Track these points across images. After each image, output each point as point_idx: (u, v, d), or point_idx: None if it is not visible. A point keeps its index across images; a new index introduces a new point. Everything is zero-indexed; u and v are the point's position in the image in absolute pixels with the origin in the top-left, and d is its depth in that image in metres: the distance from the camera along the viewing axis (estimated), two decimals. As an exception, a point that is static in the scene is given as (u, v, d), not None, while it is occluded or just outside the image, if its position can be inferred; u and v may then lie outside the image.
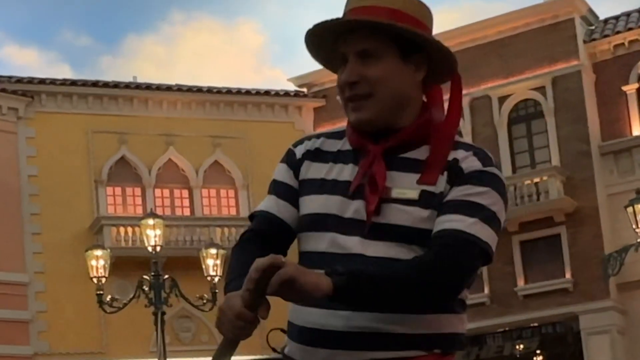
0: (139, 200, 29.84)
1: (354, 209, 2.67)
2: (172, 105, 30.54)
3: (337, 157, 2.77)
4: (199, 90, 30.99)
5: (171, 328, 27.05)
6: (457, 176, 2.66)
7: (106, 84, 30.10)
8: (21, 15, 61.98)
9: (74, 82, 29.75)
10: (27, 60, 58.85)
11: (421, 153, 2.70)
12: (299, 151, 2.82)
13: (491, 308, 28.80)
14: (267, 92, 31.69)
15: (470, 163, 2.68)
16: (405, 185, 2.66)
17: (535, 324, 28.97)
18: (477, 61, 29.80)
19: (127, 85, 30.26)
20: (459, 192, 2.64)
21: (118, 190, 29.73)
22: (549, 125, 29.65)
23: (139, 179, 29.90)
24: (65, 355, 27.91)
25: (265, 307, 2.45)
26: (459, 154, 2.69)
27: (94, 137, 29.27)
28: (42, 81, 29.49)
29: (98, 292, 20.05)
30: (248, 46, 56.37)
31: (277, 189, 2.82)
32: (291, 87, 32.55)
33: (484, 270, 28.82)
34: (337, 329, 2.60)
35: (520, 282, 28.98)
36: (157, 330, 20.42)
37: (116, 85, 30.09)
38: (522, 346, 29.21)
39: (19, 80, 29.28)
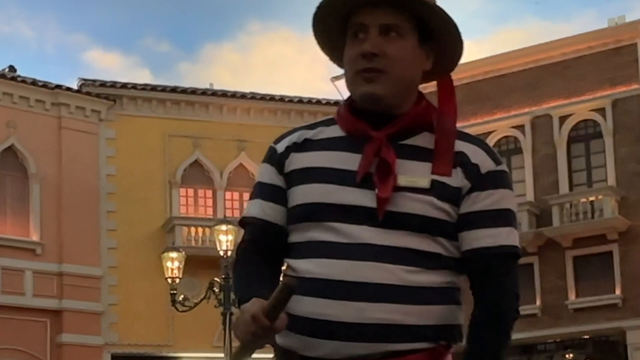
0: (210, 202, 30.87)
1: (359, 196, 2.57)
2: (246, 112, 31.58)
3: (328, 144, 2.67)
4: (272, 98, 31.99)
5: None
6: (477, 177, 2.61)
7: (184, 90, 31.17)
8: (106, 20, 63.93)
9: (153, 88, 30.87)
10: (110, 64, 60.69)
11: (423, 141, 2.64)
12: (280, 146, 2.72)
13: (542, 320, 29.56)
14: (336, 102, 32.00)
15: (483, 161, 2.63)
16: (414, 173, 2.58)
17: (585, 337, 29.79)
18: (540, 81, 30.72)
19: (204, 92, 31.35)
20: (485, 200, 2.60)
21: (190, 191, 30.76)
22: (606, 146, 30.36)
23: (211, 181, 30.98)
24: (134, 346, 28.96)
25: (282, 320, 2.41)
26: (465, 147, 2.64)
27: (170, 140, 30.42)
28: (124, 85, 30.69)
29: (172, 292, 20.88)
30: (320, 57, 57.39)
31: (261, 190, 2.72)
32: None
33: (537, 282, 29.89)
34: (348, 320, 2.50)
35: (572, 296, 29.70)
36: (225, 331, 21.07)
37: (193, 91, 31.19)
38: (571, 356, 29.93)
39: (103, 84, 30.51)
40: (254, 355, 2.53)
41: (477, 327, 2.56)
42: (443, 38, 2.68)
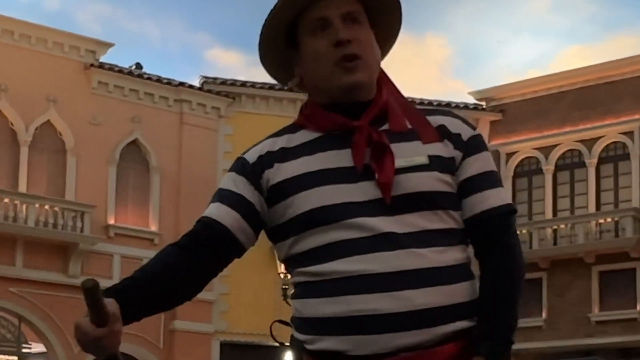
0: (319, 199, 31.87)
1: (366, 189, 2.53)
2: (359, 111, 32.51)
3: (310, 149, 2.61)
4: None
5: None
6: (464, 145, 2.62)
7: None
8: (228, 20, 65.57)
9: (271, 86, 31.55)
10: (230, 62, 62.20)
11: (397, 123, 2.62)
12: (252, 156, 2.64)
13: (640, 324, 30.16)
14: (447, 104, 32.80)
15: (462, 129, 2.64)
16: (408, 154, 2.56)
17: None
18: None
19: (318, 91, 32.37)
20: (475, 165, 2.62)
21: (302, 189, 31.85)
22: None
23: (322, 177, 32.01)
24: (242, 334, 29.80)
25: (113, 319, 2.36)
26: (441, 119, 2.64)
27: (286, 137, 31.52)
28: (243, 84, 31.65)
29: (283, 287, 21.63)
30: (433, 59, 58.22)
31: (219, 194, 2.64)
32: (470, 99, 33.93)
33: (638, 287, 30.28)
34: (397, 311, 2.46)
35: (672, 303, 30.15)
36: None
37: None
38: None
39: (223, 82, 31.57)
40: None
41: (493, 286, 2.56)
42: (381, 21, 2.69)
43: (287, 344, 2.67)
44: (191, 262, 2.59)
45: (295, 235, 2.59)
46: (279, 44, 2.68)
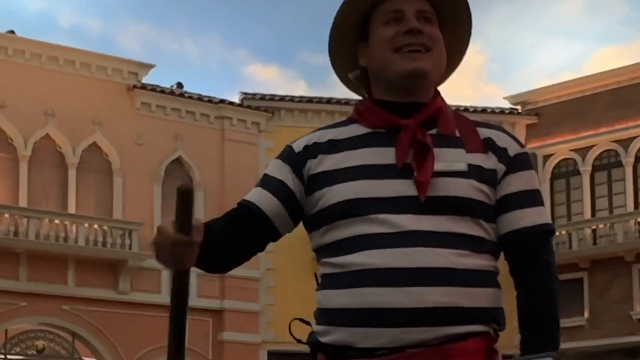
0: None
1: (400, 186, 2.57)
2: (396, 120, 32.82)
3: (355, 143, 2.65)
4: None
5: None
6: (509, 160, 2.63)
7: (338, 101, 32.12)
8: (265, 36, 66.05)
9: (309, 100, 32.06)
10: (269, 77, 62.38)
11: (446, 129, 2.65)
12: (298, 146, 2.70)
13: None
14: (483, 110, 33.04)
15: (509, 144, 2.66)
16: (449, 159, 2.59)
17: None
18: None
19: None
20: (518, 181, 2.62)
21: (338, 197, 32.18)
22: None
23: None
24: (289, 344, 28.71)
25: (197, 230, 2.40)
26: (490, 132, 2.66)
27: (325, 149, 31.93)
28: (281, 98, 32.07)
29: None
30: (468, 65, 58.48)
31: (264, 181, 2.71)
32: (506, 104, 34.11)
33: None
34: (408, 306, 2.49)
35: None
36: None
37: (347, 102, 31.74)
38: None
39: (262, 97, 32.01)
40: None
41: (536, 304, 2.57)
42: (453, 29, 2.73)
43: (305, 341, 2.72)
44: (232, 238, 2.65)
45: (326, 225, 2.63)
46: (350, 35, 2.72)
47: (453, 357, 2.51)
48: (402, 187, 2.57)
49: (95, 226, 28.57)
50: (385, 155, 2.61)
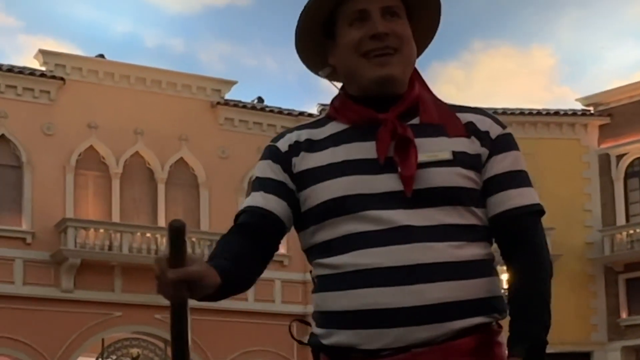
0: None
1: (386, 181, 2.49)
2: (469, 125, 33.52)
3: (336, 140, 2.58)
4: (494, 112, 33.11)
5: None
6: (491, 143, 2.57)
7: None
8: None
9: None
10: None
11: (426, 118, 2.58)
12: (283, 145, 2.62)
13: None
14: (556, 112, 33.50)
15: (491, 127, 2.60)
16: (432, 149, 2.52)
17: None
18: None
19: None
20: (502, 163, 2.57)
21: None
22: None
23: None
24: None
25: (188, 261, 2.24)
26: (470, 117, 2.60)
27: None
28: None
29: None
30: (540, 68, 58.92)
31: (262, 184, 2.60)
32: (578, 106, 34.46)
33: None
34: (409, 305, 2.42)
35: None
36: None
37: None
38: None
39: None
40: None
41: (524, 287, 2.49)
42: (421, 16, 2.66)
43: (306, 342, 2.63)
44: (252, 250, 2.55)
45: (314, 224, 2.56)
46: (315, 33, 2.65)
47: (458, 354, 2.47)
48: (389, 182, 2.51)
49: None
50: (368, 150, 2.55)
